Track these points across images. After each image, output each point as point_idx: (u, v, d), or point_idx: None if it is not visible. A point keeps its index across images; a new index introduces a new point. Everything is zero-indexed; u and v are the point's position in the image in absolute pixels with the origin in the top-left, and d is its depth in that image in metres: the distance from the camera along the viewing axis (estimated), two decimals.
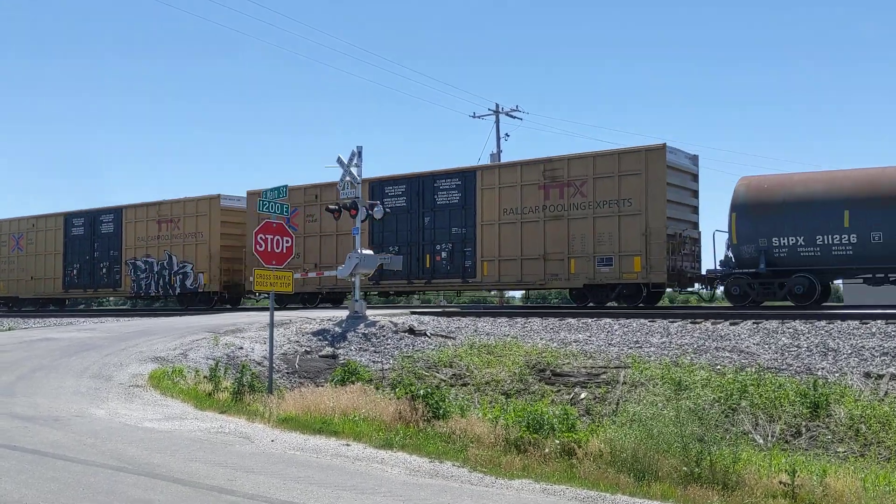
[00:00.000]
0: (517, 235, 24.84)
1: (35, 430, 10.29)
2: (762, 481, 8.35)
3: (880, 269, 20.42)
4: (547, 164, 24.41)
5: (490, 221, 25.49)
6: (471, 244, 25.82)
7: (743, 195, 21.66)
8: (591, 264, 23.47)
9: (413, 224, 27.07)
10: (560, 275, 24.18)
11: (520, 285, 26.10)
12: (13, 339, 20.36)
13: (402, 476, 8.43)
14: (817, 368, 14.08)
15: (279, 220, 14.51)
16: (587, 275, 23.57)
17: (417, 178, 27.24)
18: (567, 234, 23.91)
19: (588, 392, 14.24)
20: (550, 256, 24.24)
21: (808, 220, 20.50)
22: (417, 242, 27.06)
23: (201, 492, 7.47)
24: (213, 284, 32.55)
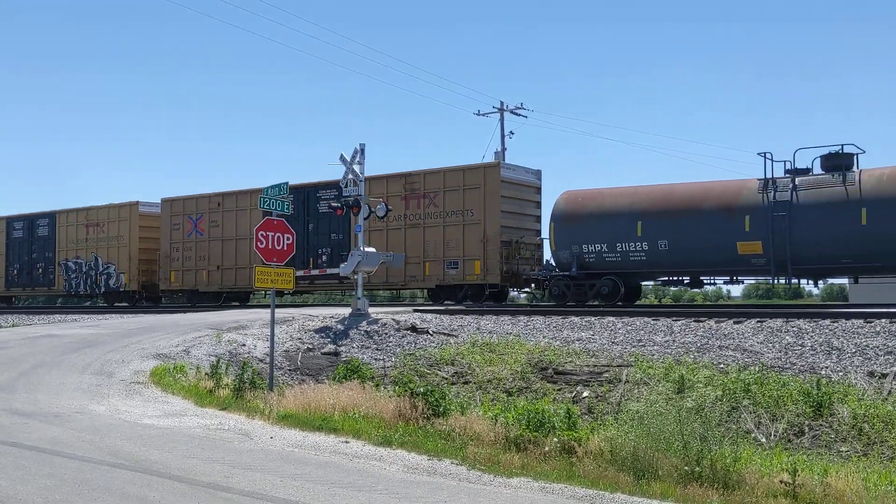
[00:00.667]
0: (384, 241, 27.27)
1: (34, 427, 10.27)
2: (763, 480, 8.28)
3: (669, 273, 23.38)
4: (407, 177, 27.52)
5: (370, 228, 27.10)
6: (346, 249, 27.40)
7: (561, 206, 24.43)
8: (441, 267, 26.44)
9: (299, 230, 28.28)
10: (417, 276, 27.04)
11: (385, 286, 29.18)
12: (16, 336, 20.38)
13: (400, 474, 8.38)
14: (821, 367, 13.99)
15: (280, 217, 14.46)
16: (438, 277, 26.53)
17: (303, 188, 29.81)
18: (423, 240, 26.82)
19: (590, 391, 14.18)
20: (410, 260, 26.71)
21: (611, 230, 23.25)
22: (303, 247, 28.94)
23: (197, 489, 7.44)
24: (132, 284, 35.78)
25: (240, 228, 31.46)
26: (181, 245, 33.86)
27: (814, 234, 20.82)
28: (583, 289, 23.75)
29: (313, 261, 29.15)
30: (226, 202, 32.28)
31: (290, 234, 14.45)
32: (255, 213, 29.70)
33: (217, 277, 32.57)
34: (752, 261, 21.68)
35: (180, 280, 34.03)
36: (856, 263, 20.95)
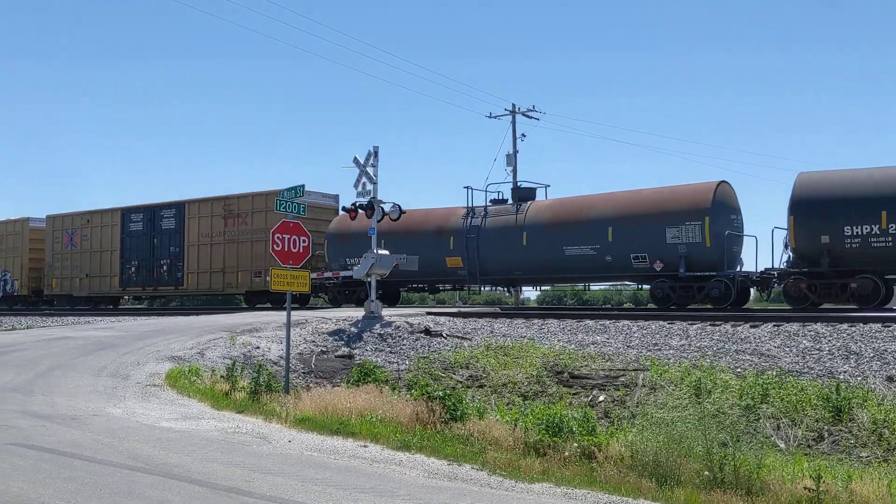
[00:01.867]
0: (209, 254, 33.11)
1: (52, 429, 10.27)
2: (786, 487, 8.21)
3: (413, 281, 29.50)
4: (227, 200, 32.73)
5: (193, 243, 33.71)
6: (181, 260, 34.09)
7: (334, 227, 30.39)
8: (250, 276, 31.72)
9: (147, 243, 35.61)
10: (233, 284, 32.46)
11: (209, 292, 34.44)
12: (31, 338, 20.44)
13: (421, 479, 8.34)
14: (839, 372, 13.90)
15: (296, 220, 14.44)
16: (247, 284, 31.93)
17: (150, 208, 35.92)
18: (237, 254, 32.14)
19: (606, 395, 14.11)
20: (228, 270, 32.47)
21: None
22: (149, 258, 35.55)
23: (218, 493, 7.41)
24: (23, 289, 41.18)
25: (104, 242, 37.56)
26: (60, 256, 39.31)
27: (495, 252, 26.57)
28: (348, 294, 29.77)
29: (157, 270, 35.18)
30: (93, 219, 38.03)
31: (305, 237, 14.43)
32: (114, 229, 36.95)
33: (87, 284, 37.94)
34: (458, 272, 27.44)
35: (59, 286, 39.31)
36: (524, 275, 26.72)
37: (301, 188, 14.60)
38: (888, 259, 20.01)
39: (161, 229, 35.22)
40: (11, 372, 14.88)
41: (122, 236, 36.59)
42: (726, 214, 23.43)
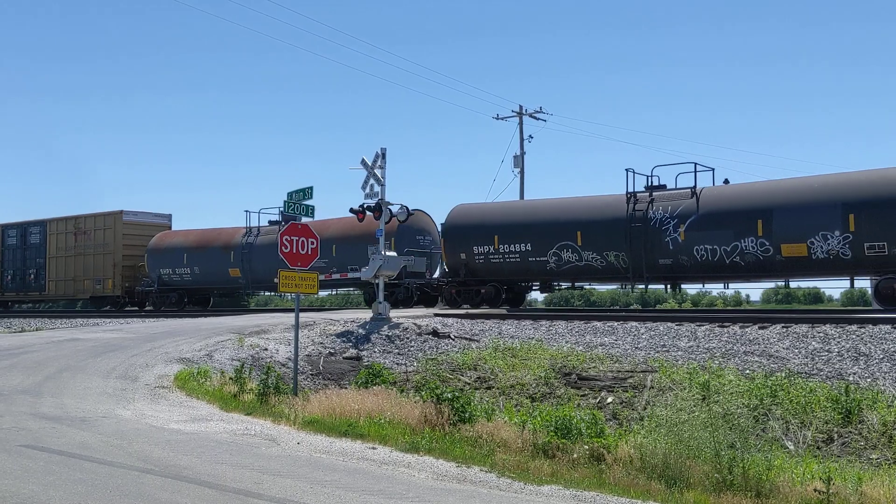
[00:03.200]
0: (64, 265, 39.09)
1: (62, 431, 10.31)
2: (796, 489, 8.19)
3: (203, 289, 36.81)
4: (77, 220, 38.73)
5: (53, 255, 39.67)
6: (44, 270, 40.23)
7: (153, 243, 36.57)
8: (93, 283, 37.65)
9: (21, 255, 41.55)
10: (82, 290, 38.25)
11: (64, 297, 40.84)
12: (41, 340, 20.51)
13: (430, 481, 8.34)
14: (849, 373, 13.84)
15: (304, 223, 14.46)
16: (91, 290, 37.97)
17: (22, 225, 41.75)
18: (84, 265, 37.96)
19: (615, 396, 14.09)
20: (78, 278, 38.30)
21: (172, 259, 35.60)
22: (21, 268, 41.46)
23: (228, 495, 7.43)
24: None
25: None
26: None
27: (260, 265, 32.21)
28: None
29: (26, 278, 40.98)
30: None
31: (314, 239, 14.44)
32: None
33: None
34: (238, 280, 33.99)
35: None
36: None
37: (309, 190, 14.63)
38: (501, 271, 26.63)
39: (30, 244, 41.41)
40: (21, 374, 14.93)
41: (3, 248, 42.50)
42: None
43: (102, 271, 37.46)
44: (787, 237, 21.49)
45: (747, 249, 22.04)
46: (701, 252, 22.73)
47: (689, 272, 23.50)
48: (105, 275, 37.53)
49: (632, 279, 24.27)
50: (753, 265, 22.20)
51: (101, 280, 37.56)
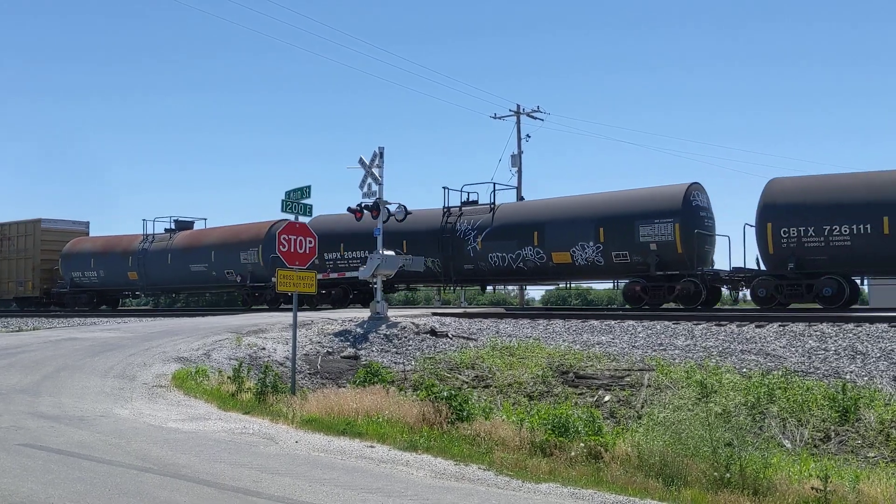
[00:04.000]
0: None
1: (60, 430, 10.31)
2: (793, 487, 8.21)
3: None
4: (2, 227, 41.59)
5: None
6: None
7: (67, 248, 39.42)
8: (16, 285, 40.76)
9: None
10: (8, 291, 41.20)
11: None
12: (38, 339, 20.50)
13: (428, 479, 8.36)
14: (845, 372, 13.88)
15: (301, 222, 14.46)
16: (14, 291, 40.95)
17: None
18: (8, 269, 41.12)
19: (612, 395, 14.12)
20: (3, 280, 41.33)
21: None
22: None
23: (227, 493, 7.44)
24: None
25: None
26: None
27: (155, 270, 35.89)
28: None
29: None
30: None
31: (311, 238, 14.44)
32: None
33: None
34: (136, 283, 37.31)
35: None
36: (173, 286, 37.14)
37: (307, 189, 14.61)
38: None
39: None
40: (19, 373, 14.93)
41: None
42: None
43: (24, 274, 40.75)
44: (556, 247, 25.35)
45: (528, 257, 25.96)
46: (494, 259, 26.63)
47: (488, 276, 27.74)
48: (26, 277, 40.86)
49: (443, 282, 28.59)
50: (533, 270, 26.25)
51: (23, 282, 40.88)
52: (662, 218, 23.41)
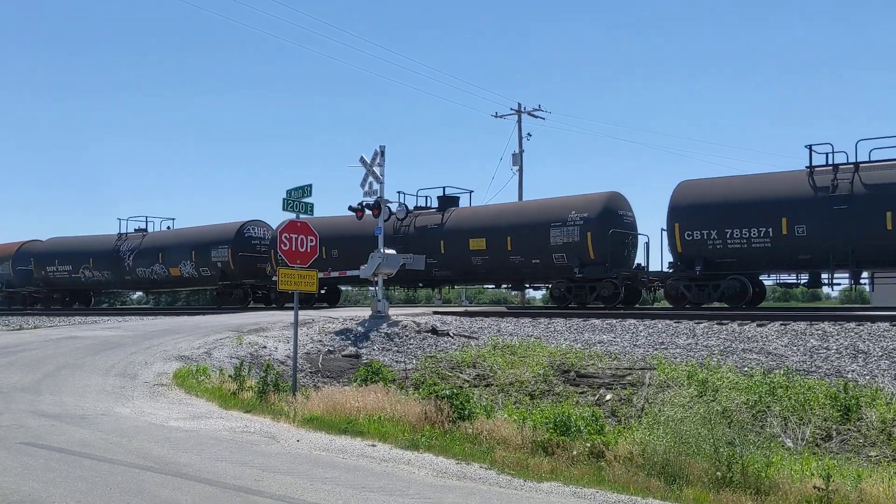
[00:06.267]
0: None
1: (62, 429, 10.31)
2: (795, 486, 8.19)
3: None
4: None
5: None
6: None
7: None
8: None
9: None
10: None
11: None
12: (39, 338, 20.49)
13: (430, 478, 8.35)
14: (847, 371, 13.85)
15: (303, 220, 14.43)
16: None
17: None
18: None
19: (613, 394, 14.10)
20: None
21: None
22: None
23: (228, 492, 7.43)
24: None
25: None
26: None
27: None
28: None
29: None
30: None
31: (313, 237, 14.41)
32: None
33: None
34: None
35: None
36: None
37: (308, 187, 14.58)
38: None
39: None
40: (20, 372, 14.93)
41: None
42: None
43: None
44: None
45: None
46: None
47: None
48: None
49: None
50: None
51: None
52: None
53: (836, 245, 20.27)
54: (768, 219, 21.02)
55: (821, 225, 20.47)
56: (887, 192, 19.86)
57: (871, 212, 19.91)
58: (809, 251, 20.70)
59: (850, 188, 20.28)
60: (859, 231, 20.01)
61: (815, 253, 20.68)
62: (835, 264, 20.57)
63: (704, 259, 21.98)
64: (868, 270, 21.79)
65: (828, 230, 20.37)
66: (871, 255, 20.28)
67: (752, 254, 21.36)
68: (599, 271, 24.25)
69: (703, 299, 22.53)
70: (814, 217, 20.57)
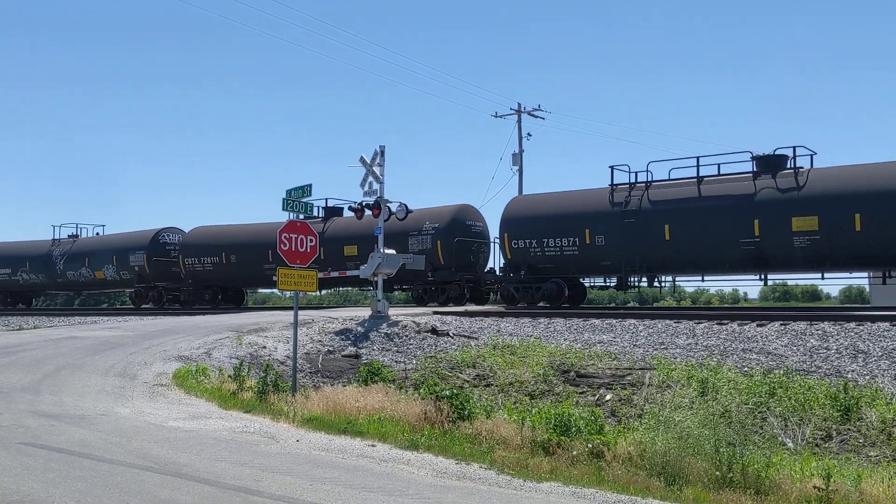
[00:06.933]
0: None
1: (61, 429, 10.30)
2: (795, 486, 8.18)
3: None
4: None
5: None
6: None
7: None
8: None
9: None
10: None
11: None
12: (39, 338, 20.48)
13: (430, 478, 8.34)
14: (847, 371, 13.85)
15: (303, 220, 14.42)
16: None
17: None
18: None
19: (613, 394, 14.09)
20: None
21: None
22: None
23: (228, 492, 7.42)
24: None
25: None
26: None
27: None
28: None
29: None
30: None
31: (313, 237, 14.40)
32: None
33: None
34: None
35: None
36: None
37: (308, 188, 14.60)
38: None
39: None
40: (20, 372, 14.92)
41: None
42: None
43: None
44: None
45: None
46: None
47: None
48: None
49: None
50: None
51: None
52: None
53: (628, 253, 23.74)
54: (576, 230, 24.64)
55: (615, 236, 23.95)
56: (666, 207, 23.28)
57: (654, 225, 23.29)
58: (609, 258, 24.21)
59: (639, 204, 23.74)
60: (644, 241, 23.40)
61: (613, 259, 24.16)
62: (629, 269, 23.97)
63: (528, 265, 25.47)
64: (658, 275, 24.75)
65: (621, 240, 23.84)
66: (655, 262, 23.67)
67: (565, 260, 24.86)
68: (447, 275, 27.93)
69: (529, 299, 25.59)
70: (610, 229, 24.12)
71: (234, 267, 33.42)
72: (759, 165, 22.47)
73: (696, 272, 24.28)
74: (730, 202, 22.17)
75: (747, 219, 21.75)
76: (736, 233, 21.91)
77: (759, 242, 21.66)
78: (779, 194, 21.58)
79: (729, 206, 22.17)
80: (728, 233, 22.02)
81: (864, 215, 20.20)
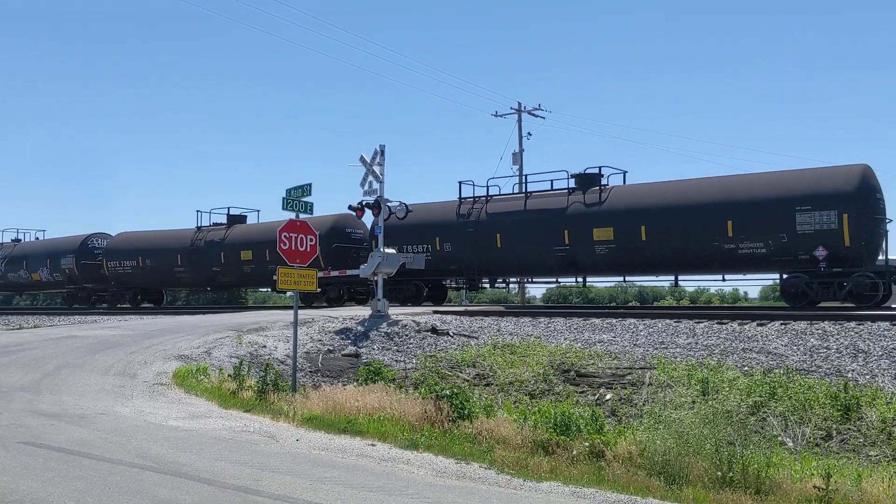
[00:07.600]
0: None
1: (61, 428, 10.29)
2: (795, 486, 8.17)
3: None
4: None
5: None
6: None
7: None
8: None
9: None
10: None
11: None
12: (39, 337, 20.47)
13: (429, 477, 8.33)
14: (847, 370, 13.84)
15: (303, 219, 14.41)
16: None
17: None
18: None
19: (613, 393, 14.09)
20: None
21: None
22: None
23: (228, 492, 7.42)
24: None
25: None
26: None
27: None
28: None
29: None
30: None
31: (312, 236, 14.39)
32: None
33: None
34: None
35: None
36: None
37: (308, 187, 14.57)
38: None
39: None
40: (19, 371, 14.91)
41: None
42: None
43: None
44: None
45: None
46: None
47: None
48: None
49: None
50: None
51: None
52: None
53: (469, 258, 27.21)
54: (429, 238, 28.07)
55: (460, 243, 27.44)
56: (498, 219, 26.86)
57: (489, 234, 26.84)
58: (456, 263, 27.74)
59: (479, 216, 27.37)
60: (481, 248, 26.96)
61: (459, 264, 27.69)
62: (470, 273, 27.58)
63: None
64: (494, 277, 28.93)
65: (463, 247, 27.34)
66: (491, 267, 27.47)
67: (432, 263, 27.04)
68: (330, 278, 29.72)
69: (393, 299, 27.37)
70: (455, 238, 27.63)
71: (150, 270, 36.37)
72: (577, 183, 25.81)
73: (523, 275, 29.23)
74: (547, 215, 25.71)
75: (560, 229, 25.20)
76: (551, 241, 25.30)
77: (569, 250, 25.11)
78: (584, 208, 25.02)
79: (546, 218, 25.67)
80: (545, 241, 25.43)
81: (648, 227, 23.34)
